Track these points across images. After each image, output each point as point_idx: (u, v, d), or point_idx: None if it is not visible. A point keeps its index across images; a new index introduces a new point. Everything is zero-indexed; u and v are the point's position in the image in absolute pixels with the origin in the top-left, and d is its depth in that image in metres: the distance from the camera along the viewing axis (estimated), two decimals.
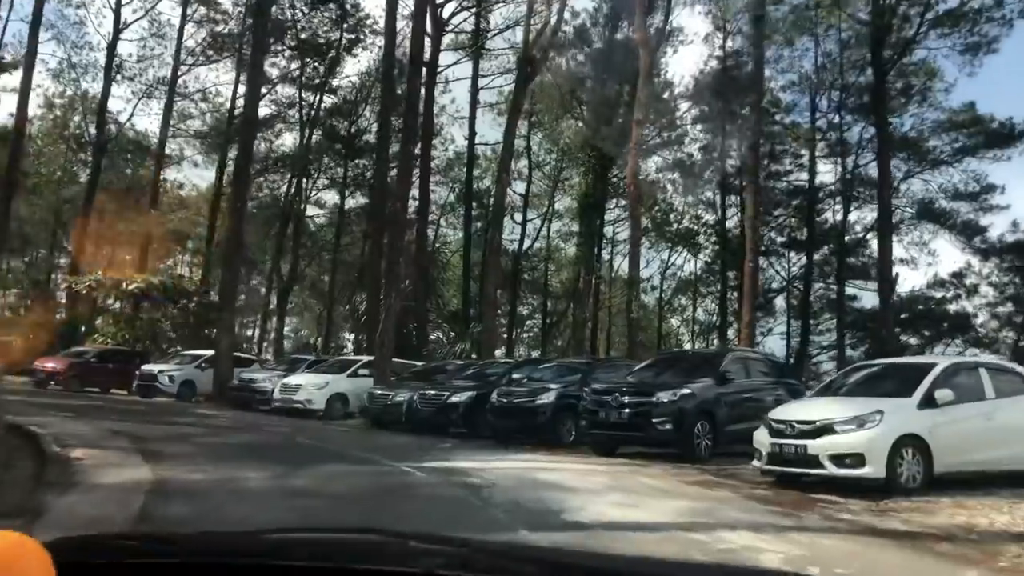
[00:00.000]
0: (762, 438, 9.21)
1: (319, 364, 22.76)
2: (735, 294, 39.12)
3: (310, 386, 20.49)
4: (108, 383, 27.62)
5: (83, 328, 35.37)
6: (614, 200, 34.73)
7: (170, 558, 1.34)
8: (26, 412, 15.30)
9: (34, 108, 40.82)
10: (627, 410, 11.74)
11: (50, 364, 27.57)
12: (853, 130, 33.20)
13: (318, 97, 38.97)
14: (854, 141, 32.95)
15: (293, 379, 21.14)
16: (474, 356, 24.87)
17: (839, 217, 34.11)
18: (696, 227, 35.37)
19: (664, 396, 11.57)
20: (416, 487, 8.29)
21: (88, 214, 38.56)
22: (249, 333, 47.42)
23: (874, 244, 34.19)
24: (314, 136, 40.21)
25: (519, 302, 42.85)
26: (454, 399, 16.59)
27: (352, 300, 27.47)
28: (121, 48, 54.42)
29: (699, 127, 31.96)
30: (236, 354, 27.78)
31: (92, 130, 40.16)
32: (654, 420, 11.42)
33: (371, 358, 21.42)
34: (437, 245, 37.23)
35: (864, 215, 34.41)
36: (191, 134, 39.61)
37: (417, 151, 31.88)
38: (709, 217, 37.92)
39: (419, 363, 22.94)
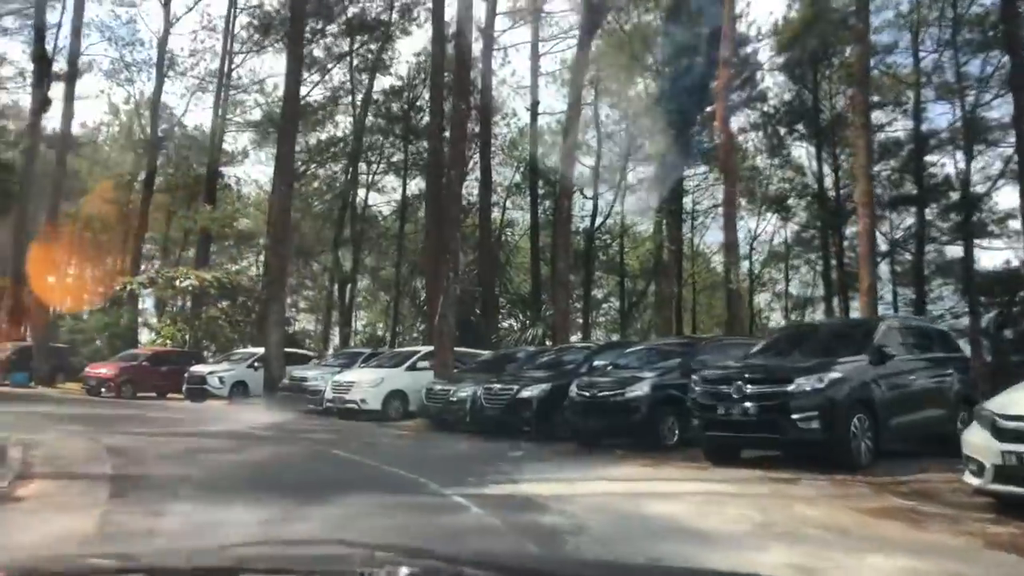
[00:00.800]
0: (981, 441, 6.16)
1: (376, 358, 20.36)
2: (833, 262, 35.35)
3: (364, 383, 18.09)
4: (164, 387, 25.91)
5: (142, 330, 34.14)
6: (691, 170, 31.44)
7: (130, 574, 1.32)
8: (36, 425, 13.32)
9: (100, 115, 39.84)
10: (754, 403, 8.77)
11: (101, 370, 26.06)
12: (968, 68, 28.97)
13: (371, 78, 36.66)
14: (970, 80, 28.71)
15: (345, 376, 18.78)
16: (548, 343, 22.11)
17: (951, 170, 30.01)
18: (788, 188, 31.61)
19: (805, 383, 8.55)
20: (466, 536, 5.56)
21: (146, 214, 37.39)
22: (312, 327, 45.74)
23: (998, 196, 29.99)
24: (370, 119, 38.08)
25: (592, 284, 39.88)
26: (525, 394, 13.86)
27: (412, 286, 25.08)
28: (172, 43, 53.42)
29: (789, 71, 28.23)
30: (294, 350, 25.75)
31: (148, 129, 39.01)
32: (794, 416, 8.42)
33: (430, 348, 18.88)
34: (503, 228, 34.39)
35: (983, 164, 30.13)
36: (246, 125, 37.80)
37: (476, 130, 29.32)
38: (800, 179, 34.13)
39: (484, 352, 20.31)
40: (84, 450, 10.32)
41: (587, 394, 12.11)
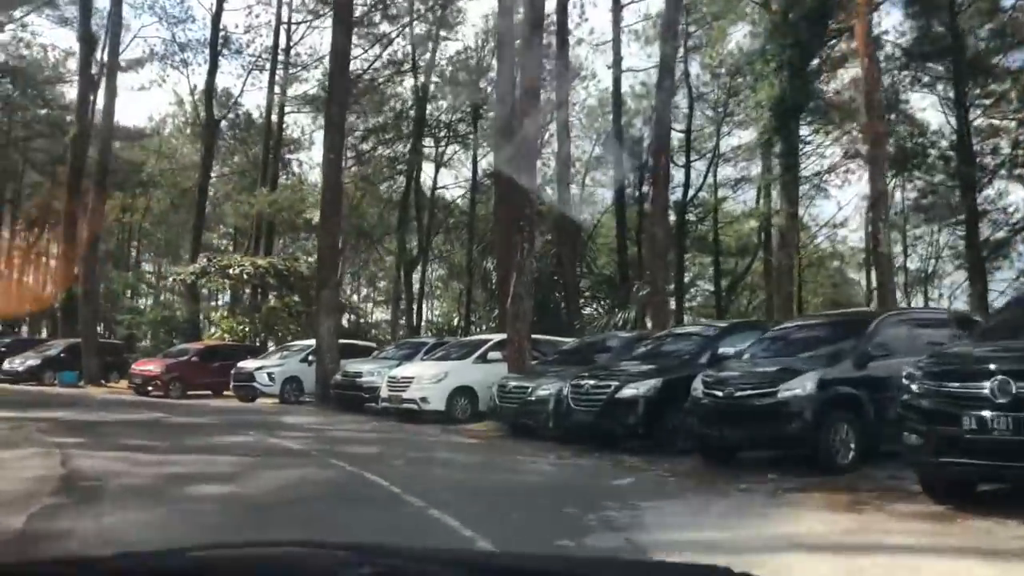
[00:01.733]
0: None
1: (441, 348, 17.28)
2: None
3: (425, 379, 15.04)
4: (217, 385, 23.56)
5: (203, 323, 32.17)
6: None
7: None
8: (11, 439, 10.78)
9: (165, 106, 38.20)
10: None
11: (148, 367, 23.87)
12: None
13: (435, 42, 33.64)
14: None
15: (403, 370, 15.78)
16: (649, 326, 18.66)
17: None
18: (913, 144, 27.04)
19: None
20: None
21: (203, 201, 35.43)
22: (378, 317, 43.24)
23: None
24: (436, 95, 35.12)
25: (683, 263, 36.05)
26: (627, 392, 10.50)
27: (484, 267, 21.95)
28: (226, 20, 51.26)
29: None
30: (353, 341, 23.02)
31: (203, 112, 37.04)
32: None
33: (503, 336, 15.70)
34: (584, 204, 30.91)
35: None
36: (303, 101, 35.32)
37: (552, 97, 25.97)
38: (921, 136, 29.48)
39: (567, 339, 17.04)
40: (27, 480, 7.51)
41: (719, 394, 8.69)
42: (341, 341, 20.33)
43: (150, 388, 23.07)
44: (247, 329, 29.37)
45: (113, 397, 21.88)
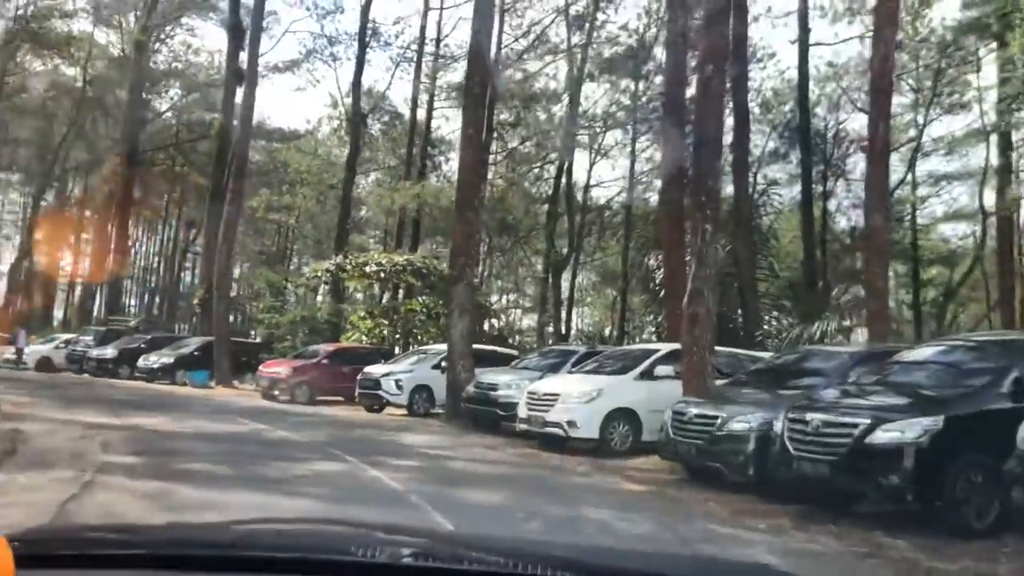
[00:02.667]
0: None
1: (593, 359, 13.95)
2: None
3: (572, 396, 11.82)
4: (349, 390, 21.48)
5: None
6: None
7: (135, 549, 1.32)
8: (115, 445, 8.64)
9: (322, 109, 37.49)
10: None
11: (275, 369, 22.11)
12: None
13: (590, 23, 30.50)
14: None
15: (546, 384, 12.63)
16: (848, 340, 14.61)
17: None
18: None
19: None
20: None
21: (347, 198, 34.07)
22: (525, 324, 40.40)
23: None
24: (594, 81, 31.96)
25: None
26: (886, 436, 6.80)
27: (644, 265, 18.48)
28: (375, 10, 50.34)
29: None
30: (492, 348, 20.23)
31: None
32: None
33: (675, 346, 12.22)
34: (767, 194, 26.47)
35: None
36: (450, 90, 33.18)
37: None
38: None
39: (759, 354, 13.33)
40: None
41: None
42: (478, 347, 17.52)
43: (276, 392, 21.27)
44: (385, 331, 27.36)
45: (234, 400, 20.14)
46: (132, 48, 40.85)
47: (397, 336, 28.39)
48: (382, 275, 25.55)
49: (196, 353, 25.70)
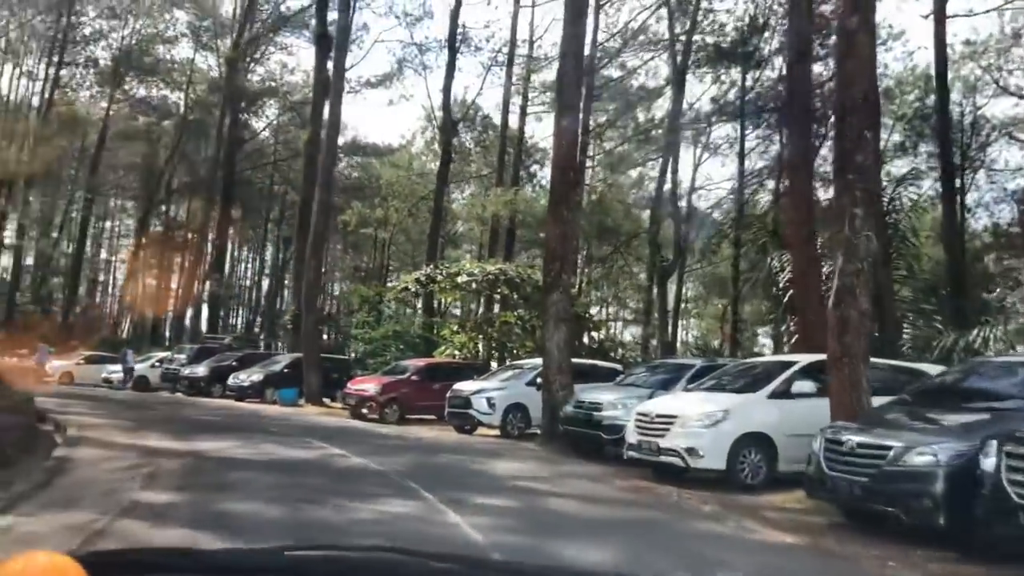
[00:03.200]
0: None
1: (713, 373, 11.91)
2: None
3: (692, 419, 9.87)
4: (441, 408, 20.13)
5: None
6: None
7: (195, 573, 1.36)
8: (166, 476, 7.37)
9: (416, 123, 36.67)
10: None
11: (363, 386, 20.94)
12: None
13: (694, 11, 28.35)
14: None
15: (660, 404, 10.72)
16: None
17: None
18: None
19: None
20: None
21: (439, 208, 33.00)
22: (626, 337, 38.16)
23: None
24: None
25: None
26: None
27: (767, 265, 16.24)
28: (465, 15, 49.24)
29: None
30: (592, 362, 18.45)
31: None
32: None
33: (815, 358, 10.12)
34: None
35: None
36: (543, 90, 31.66)
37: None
38: None
39: (922, 366, 11.04)
40: None
41: None
42: (577, 361, 15.78)
43: (364, 410, 20.07)
44: (479, 345, 25.93)
45: (319, 420, 19.01)
46: (226, 68, 40.98)
47: (492, 350, 26.94)
48: (474, 285, 24.11)
49: (286, 370, 24.90)
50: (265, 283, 60.39)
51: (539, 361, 16.63)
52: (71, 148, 52.16)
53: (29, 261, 64.98)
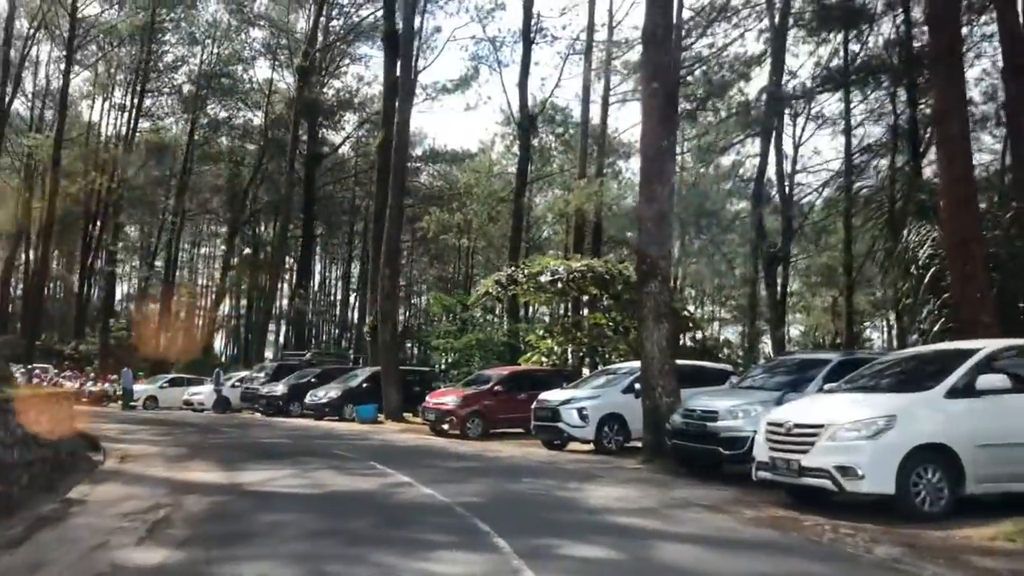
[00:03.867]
0: None
1: (862, 369, 9.44)
2: None
3: (845, 429, 7.56)
4: (528, 421, 18.31)
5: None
6: None
7: None
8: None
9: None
10: None
11: (443, 399, 19.21)
12: None
13: None
14: None
15: (796, 411, 8.39)
16: None
17: None
18: None
19: None
20: None
21: (519, 208, 31.20)
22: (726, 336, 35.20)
23: None
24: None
25: None
26: None
27: (903, 242, 13.53)
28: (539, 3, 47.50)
29: None
30: (699, 363, 16.11)
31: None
32: None
33: (1006, 343, 7.66)
34: None
35: None
36: (623, 74, 29.47)
37: None
38: None
39: None
40: None
41: None
42: (682, 363, 13.53)
43: (445, 425, 18.35)
44: (568, 351, 23.90)
45: (394, 439, 17.35)
46: (298, 82, 40.38)
47: (582, 356, 24.87)
48: (559, 284, 22.07)
49: (364, 385, 23.47)
50: (354, 299, 59.96)
51: (636, 364, 14.47)
52: (160, 175, 53.04)
53: (126, 289, 66.84)
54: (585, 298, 24.41)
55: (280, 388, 25.52)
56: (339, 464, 11.44)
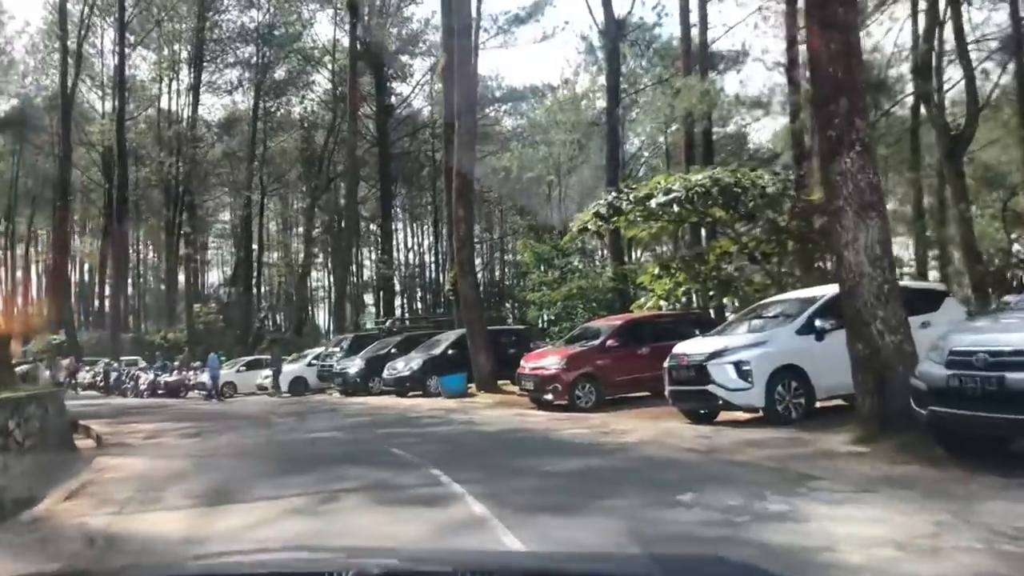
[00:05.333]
0: None
1: None
2: None
3: None
4: (655, 381, 14.02)
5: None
6: None
7: None
8: None
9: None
10: None
11: (541, 362, 15.04)
12: None
13: None
14: None
15: None
16: None
17: None
18: None
19: None
20: None
21: (615, 133, 26.48)
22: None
23: None
24: None
25: None
26: None
27: None
28: None
29: None
30: (918, 284, 11.26)
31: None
32: None
33: None
34: None
35: None
36: None
37: None
38: None
39: None
40: None
41: None
42: (904, 284, 8.85)
43: (548, 395, 14.23)
44: (692, 291, 19.35)
45: (483, 419, 13.32)
46: (351, 19, 36.55)
47: (710, 294, 20.19)
48: (675, 208, 17.38)
49: (450, 352, 19.64)
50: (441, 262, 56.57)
51: (817, 292, 9.88)
52: (231, 150, 50.73)
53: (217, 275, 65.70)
54: (708, 222, 19.66)
55: (356, 363, 22.06)
56: (386, 479, 7.47)
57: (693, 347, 10.54)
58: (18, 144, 54.14)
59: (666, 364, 10.83)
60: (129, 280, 59.40)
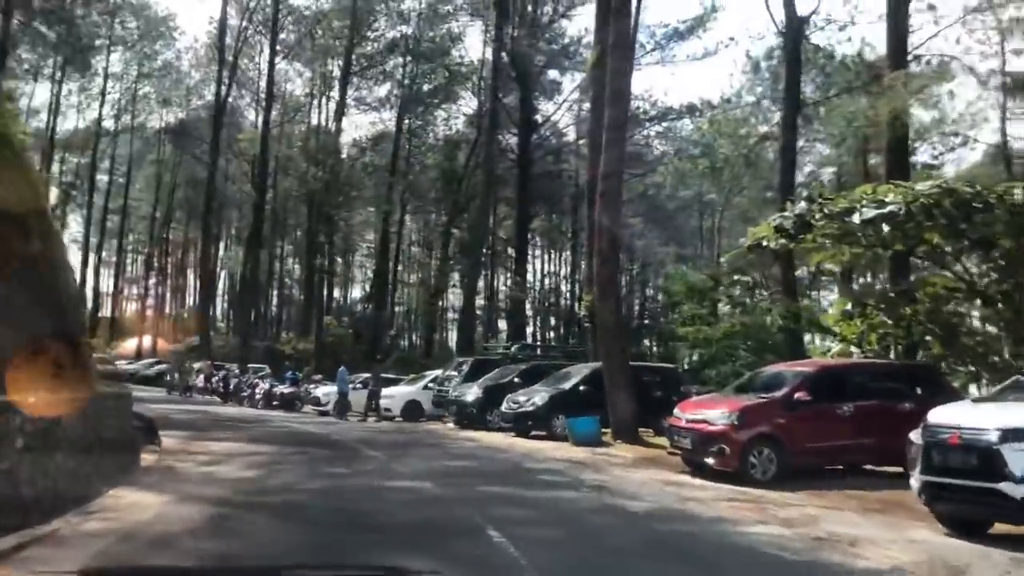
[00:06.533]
0: None
1: None
2: None
3: None
4: (875, 451, 10.50)
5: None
6: None
7: None
8: None
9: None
10: None
11: (701, 414, 11.39)
12: None
13: None
14: None
15: None
16: None
17: None
18: None
19: None
20: None
21: (792, 138, 22.52)
22: None
23: None
24: None
25: None
26: None
27: None
28: None
29: None
30: None
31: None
32: None
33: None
34: None
35: None
36: None
37: None
38: None
39: None
40: None
41: None
42: None
43: (709, 459, 10.63)
44: (896, 334, 15.13)
45: (627, 486, 9.86)
46: (497, 19, 34.34)
47: (916, 340, 15.87)
48: (883, 229, 13.33)
49: (581, 388, 16.30)
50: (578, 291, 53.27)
51: None
52: (375, 165, 49.96)
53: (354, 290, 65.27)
54: (921, 250, 15.41)
55: (474, 391, 19.12)
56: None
57: (967, 417, 6.72)
58: (179, 156, 56.07)
59: (914, 437, 7.06)
60: (274, 290, 60.22)
